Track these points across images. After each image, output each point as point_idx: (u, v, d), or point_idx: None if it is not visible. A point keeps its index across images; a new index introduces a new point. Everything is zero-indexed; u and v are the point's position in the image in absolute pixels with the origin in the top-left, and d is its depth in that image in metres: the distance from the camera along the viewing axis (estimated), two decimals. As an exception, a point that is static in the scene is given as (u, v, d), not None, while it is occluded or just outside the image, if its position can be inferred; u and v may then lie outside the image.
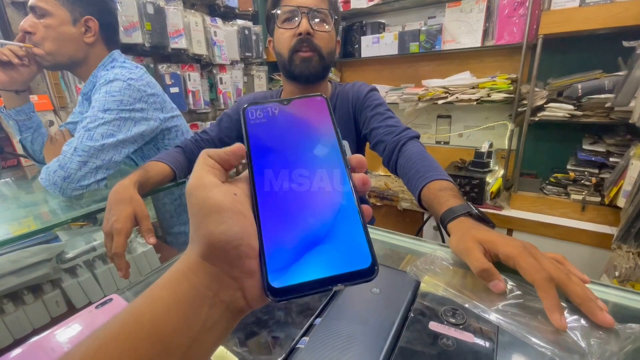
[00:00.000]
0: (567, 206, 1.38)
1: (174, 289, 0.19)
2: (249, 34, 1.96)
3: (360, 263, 0.19)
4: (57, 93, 1.44)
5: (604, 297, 0.38)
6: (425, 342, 0.32)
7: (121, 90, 0.81)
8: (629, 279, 0.99)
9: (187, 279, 0.19)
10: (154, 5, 1.45)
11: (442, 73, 1.75)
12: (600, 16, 1.19)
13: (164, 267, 0.54)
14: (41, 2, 0.78)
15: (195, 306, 0.19)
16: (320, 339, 0.32)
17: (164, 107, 0.94)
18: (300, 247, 0.19)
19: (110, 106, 0.79)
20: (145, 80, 0.87)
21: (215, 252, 0.19)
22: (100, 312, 0.39)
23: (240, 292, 0.20)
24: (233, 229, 0.19)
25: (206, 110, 1.85)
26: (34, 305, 0.70)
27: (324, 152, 0.22)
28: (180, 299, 0.19)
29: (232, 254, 0.19)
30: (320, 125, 0.24)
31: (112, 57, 0.90)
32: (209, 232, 0.19)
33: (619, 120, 1.22)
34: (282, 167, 0.22)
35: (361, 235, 0.20)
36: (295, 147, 0.22)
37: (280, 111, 0.24)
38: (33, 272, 0.67)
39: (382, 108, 0.78)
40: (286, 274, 0.19)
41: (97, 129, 0.77)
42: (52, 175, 0.72)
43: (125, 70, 0.85)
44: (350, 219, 0.20)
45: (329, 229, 0.20)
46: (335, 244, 0.20)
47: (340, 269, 0.19)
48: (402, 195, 1.79)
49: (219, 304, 0.19)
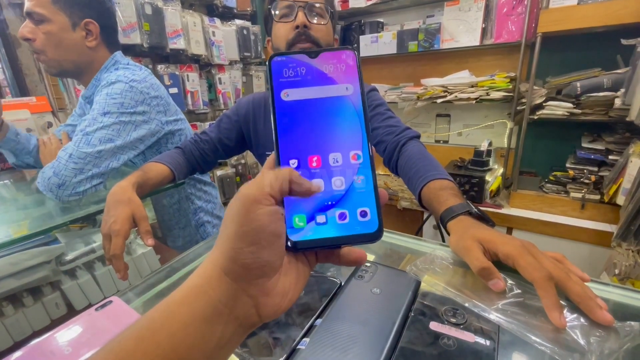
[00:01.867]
0: (567, 204, 1.38)
1: (192, 305, 0.19)
2: (247, 34, 1.96)
3: (369, 227, 0.21)
4: (55, 94, 1.44)
5: (604, 295, 0.38)
6: (426, 342, 0.32)
7: (122, 93, 0.79)
8: (628, 276, 0.99)
9: (206, 295, 0.19)
10: (152, 5, 1.45)
11: (441, 72, 1.75)
12: (598, 14, 1.19)
13: (164, 269, 0.54)
14: (38, 8, 0.76)
15: (212, 323, 0.19)
16: (320, 340, 0.32)
17: (168, 110, 0.92)
18: (315, 209, 0.21)
19: (110, 109, 0.77)
20: (149, 82, 0.85)
21: (238, 268, 0.19)
22: (100, 314, 0.39)
23: (254, 309, 0.20)
24: (263, 251, 0.19)
25: (205, 111, 1.85)
26: (33, 307, 0.69)
27: (347, 117, 0.23)
28: (197, 316, 0.19)
29: (255, 273, 0.20)
30: (346, 83, 0.23)
31: (115, 59, 0.88)
32: (237, 247, 0.19)
33: (618, 118, 1.22)
34: (307, 128, 0.22)
35: (372, 201, 0.22)
36: (320, 107, 0.23)
37: (307, 65, 0.23)
38: (32, 275, 0.67)
39: (382, 108, 0.78)
40: (301, 230, 0.21)
41: (95, 133, 0.75)
42: (47, 182, 0.71)
43: (128, 71, 0.83)
44: (366, 185, 0.22)
45: (346, 192, 0.22)
46: (349, 206, 0.22)
47: (351, 230, 0.21)
48: (402, 194, 1.79)
49: (233, 320, 0.20)
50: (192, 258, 0.57)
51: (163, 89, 0.92)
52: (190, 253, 0.58)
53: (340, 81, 0.23)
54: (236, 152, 0.92)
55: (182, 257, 0.57)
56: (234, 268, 0.19)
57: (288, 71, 0.23)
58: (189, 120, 1.85)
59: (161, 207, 1.09)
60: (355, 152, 0.22)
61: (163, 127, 0.90)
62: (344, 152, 0.22)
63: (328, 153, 0.22)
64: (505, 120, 1.63)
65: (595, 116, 1.28)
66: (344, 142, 0.22)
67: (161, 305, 0.19)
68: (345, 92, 0.23)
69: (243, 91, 2.03)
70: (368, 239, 0.21)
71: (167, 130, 0.93)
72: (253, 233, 0.19)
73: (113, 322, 0.37)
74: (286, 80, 0.23)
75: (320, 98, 0.23)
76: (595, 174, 1.36)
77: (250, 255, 0.19)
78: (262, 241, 0.19)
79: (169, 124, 0.92)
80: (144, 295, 0.48)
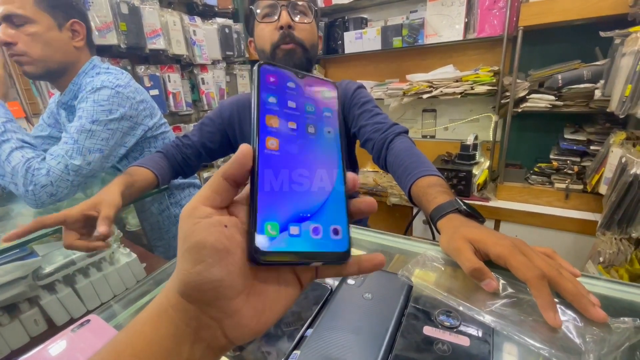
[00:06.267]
0: (552, 195, 1.41)
1: (155, 324, 0.18)
2: (229, 32, 1.92)
3: (340, 246, 0.21)
4: (28, 99, 1.38)
5: (594, 289, 0.38)
6: (420, 348, 0.31)
7: (110, 99, 0.78)
8: (612, 264, 1.02)
9: (167, 315, 0.18)
10: (129, 4, 1.40)
11: (425, 67, 1.76)
12: (577, 7, 1.21)
13: (151, 278, 0.52)
14: (20, 10, 0.73)
15: (177, 343, 0.18)
16: (312, 352, 0.31)
17: (153, 113, 0.91)
18: (289, 219, 0.20)
19: (99, 117, 0.76)
20: (134, 86, 0.84)
21: (190, 291, 0.18)
22: (77, 335, 0.36)
23: (220, 331, 0.19)
24: (211, 270, 0.17)
25: (188, 112, 1.81)
26: (10, 325, 0.66)
27: (326, 140, 0.23)
28: (162, 335, 0.18)
29: (210, 295, 0.18)
30: (326, 110, 0.24)
31: (93, 63, 0.86)
32: (185, 270, 0.18)
33: (598, 109, 1.25)
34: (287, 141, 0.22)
35: (344, 220, 0.21)
36: (301, 123, 0.23)
37: (294, 81, 0.23)
38: (7, 292, 0.63)
39: (370, 105, 0.77)
40: (273, 240, 0.19)
41: (84, 142, 0.75)
42: (39, 189, 0.70)
43: (112, 76, 0.81)
44: (339, 202, 0.22)
45: (322, 206, 0.21)
46: (324, 221, 0.21)
47: (323, 247, 0.20)
48: (391, 190, 1.80)
49: (199, 341, 0.18)
50: (176, 268, 0.55)
51: (146, 92, 0.90)
52: (173, 264, 0.56)
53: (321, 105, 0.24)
54: (220, 155, 0.90)
55: (166, 267, 0.55)
56: (186, 290, 0.18)
57: (275, 81, 0.23)
58: (172, 123, 1.82)
59: (146, 214, 1.05)
60: (333, 168, 0.22)
61: (147, 131, 0.89)
62: (321, 165, 0.22)
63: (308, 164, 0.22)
64: (490, 114, 1.64)
65: (576, 108, 1.30)
66: (323, 155, 0.23)
67: (128, 326, 0.19)
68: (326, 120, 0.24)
69: (227, 91, 1.99)
70: (338, 258, 0.21)
71: (150, 135, 0.91)
72: (195, 251, 0.17)
73: (91, 343, 0.35)
74: (272, 89, 0.22)
75: (304, 118, 0.23)
76: (578, 165, 1.38)
77: (197, 276, 0.17)
78: (207, 258, 0.17)
79: (153, 128, 0.91)
80: (127, 309, 0.45)
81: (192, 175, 0.91)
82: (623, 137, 1.14)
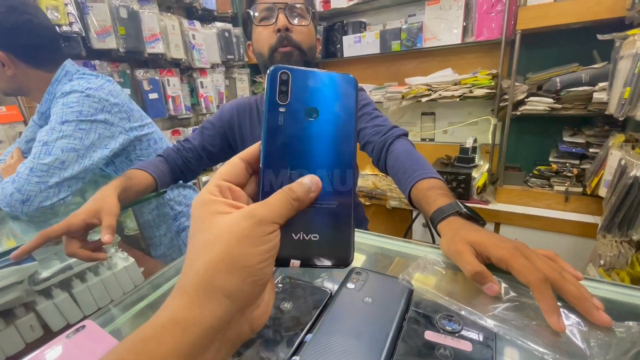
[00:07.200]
0: (551, 197, 1.41)
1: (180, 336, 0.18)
2: (229, 36, 1.92)
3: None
4: (27, 103, 1.37)
5: (597, 292, 0.37)
6: (421, 353, 0.31)
7: (79, 101, 0.76)
8: (613, 266, 1.01)
9: (195, 325, 0.18)
10: (128, 9, 1.40)
11: (424, 70, 1.76)
12: (574, 10, 1.21)
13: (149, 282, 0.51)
14: None
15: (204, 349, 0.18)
16: (312, 357, 0.30)
17: (131, 116, 0.89)
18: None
19: (68, 117, 0.74)
20: (107, 88, 0.82)
21: (249, 288, 0.20)
22: (72, 341, 0.36)
23: (247, 324, 0.20)
24: (271, 267, 0.21)
25: (188, 116, 1.81)
26: (5, 331, 0.65)
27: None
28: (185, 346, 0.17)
29: (261, 289, 0.21)
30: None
31: (65, 70, 0.83)
32: (255, 267, 0.19)
33: (597, 111, 1.25)
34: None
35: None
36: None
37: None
38: (3, 297, 0.62)
39: (369, 108, 0.76)
40: None
41: (55, 143, 0.72)
42: (9, 199, 0.68)
43: (83, 80, 0.80)
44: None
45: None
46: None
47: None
48: (391, 194, 1.79)
49: (226, 343, 0.19)
50: (173, 274, 0.54)
51: (124, 95, 0.88)
52: (171, 267, 0.55)
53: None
54: (221, 159, 0.90)
55: (164, 271, 0.54)
56: (242, 287, 0.19)
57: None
58: (171, 126, 1.82)
59: (140, 215, 1.05)
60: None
61: (128, 134, 0.87)
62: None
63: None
64: (488, 117, 1.65)
65: (575, 110, 1.30)
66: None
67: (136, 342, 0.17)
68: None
69: (226, 94, 1.99)
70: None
71: (134, 137, 0.89)
72: (266, 250, 0.20)
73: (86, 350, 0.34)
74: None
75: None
76: (577, 167, 1.38)
77: (261, 272, 0.20)
78: (271, 258, 0.20)
79: (133, 130, 0.89)
80: (124, 314, 0.45)
81: (193, 179, 0.91)
82: (622, 139, 1.14)
